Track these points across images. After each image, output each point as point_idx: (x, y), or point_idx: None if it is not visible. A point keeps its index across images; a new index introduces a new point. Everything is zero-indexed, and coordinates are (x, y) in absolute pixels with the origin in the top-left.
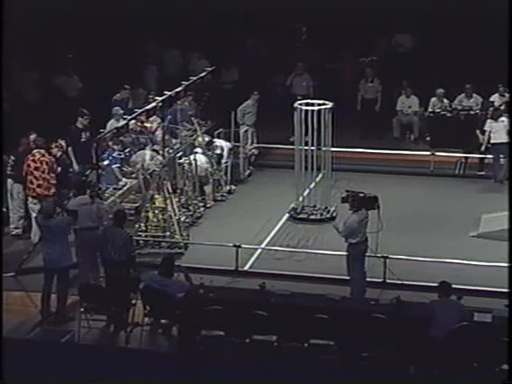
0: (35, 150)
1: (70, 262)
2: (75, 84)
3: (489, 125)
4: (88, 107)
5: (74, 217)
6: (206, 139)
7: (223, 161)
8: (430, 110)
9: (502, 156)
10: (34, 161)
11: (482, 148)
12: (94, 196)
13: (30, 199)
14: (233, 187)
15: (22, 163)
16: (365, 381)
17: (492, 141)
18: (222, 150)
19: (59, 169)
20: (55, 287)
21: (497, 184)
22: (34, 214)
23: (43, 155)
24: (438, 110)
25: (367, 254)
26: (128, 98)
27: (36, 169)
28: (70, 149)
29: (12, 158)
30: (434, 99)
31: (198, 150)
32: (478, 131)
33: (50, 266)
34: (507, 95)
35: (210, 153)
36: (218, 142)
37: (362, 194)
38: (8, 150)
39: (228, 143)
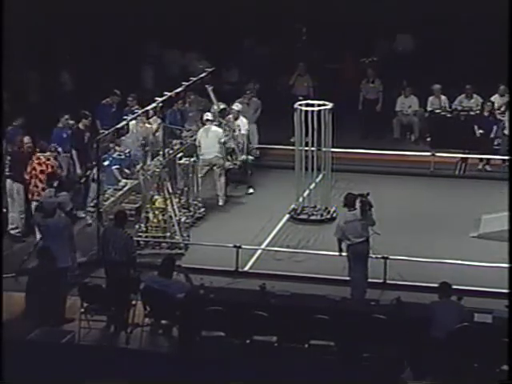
0: (39, 154)
1: (68, 262)
2: (63, 80)
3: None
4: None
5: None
6: (221, 106)
7: (243, 129)
8: (428, 108)
9: None
10: (39, 164)
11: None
12: (59, 189)
13: (33, 203)
14: (250, 157)
15: (18, 162)
16: (365, 381)
17: None
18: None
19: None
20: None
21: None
22: None
23: (48, 159)
24: (438, 111)
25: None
26: (116, 103)
27: (42, 172)
28: (73, 151)
29: (8, 157)
30: (431, 98)
31: (209, 116)
32: (476, 127)
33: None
34: (507, 95)
35: (223, 121)
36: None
37: (352, 195)
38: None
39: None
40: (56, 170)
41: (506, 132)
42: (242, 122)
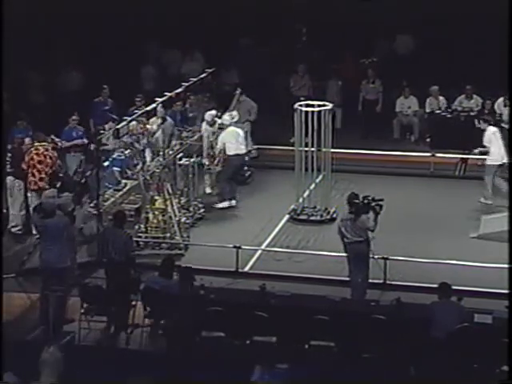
0: (37, 144)
1: (67, 263)
2: (75, 79)
3: None
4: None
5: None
6: (234, 119)
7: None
8: (427, 110)
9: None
10: (37, 154)
11: None
12: (62, 190)
13: (30, 193)
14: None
15: (18, 159)
16: (365, 381)
17: None
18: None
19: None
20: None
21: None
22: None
23: (47, 149)
24: (438, 112)
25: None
26: (111, 102)
27: (39, 162)
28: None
29: (9, 154)
30: (429, 99)
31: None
32: (476, 121)
33: (46, 268)
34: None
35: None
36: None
37: (354, 195)
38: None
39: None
40: (55, 161)
41: (504, 125)
42: (222, 136)
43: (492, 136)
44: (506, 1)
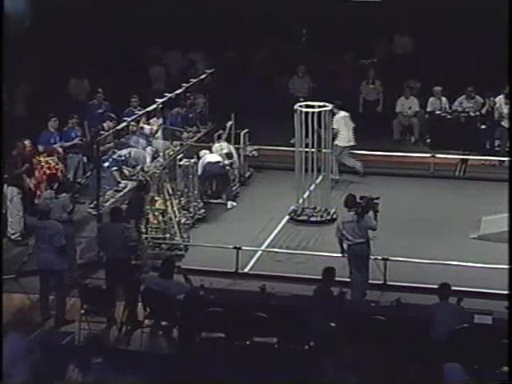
0: (48, 158)
1: (64, 265)
2: (85, 87)
3: None
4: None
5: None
6: (224, 150)
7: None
8: (428, 109)
9: None
10: (49, 168)
11: None
12: (59, 191)
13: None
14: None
15: (15, 166)
16: (365, 381)
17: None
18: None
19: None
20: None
21: (495, 185)
22: None
23: (57, 163)
24: (438, 112)
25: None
26: (103, 102)
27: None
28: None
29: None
30: (431, 99)
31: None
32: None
33: (44, 269)
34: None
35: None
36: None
37: (352, 196)
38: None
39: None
40: (65, 173)
41: (504, 124)
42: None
43: (341, 120)
44: (506, 1)
